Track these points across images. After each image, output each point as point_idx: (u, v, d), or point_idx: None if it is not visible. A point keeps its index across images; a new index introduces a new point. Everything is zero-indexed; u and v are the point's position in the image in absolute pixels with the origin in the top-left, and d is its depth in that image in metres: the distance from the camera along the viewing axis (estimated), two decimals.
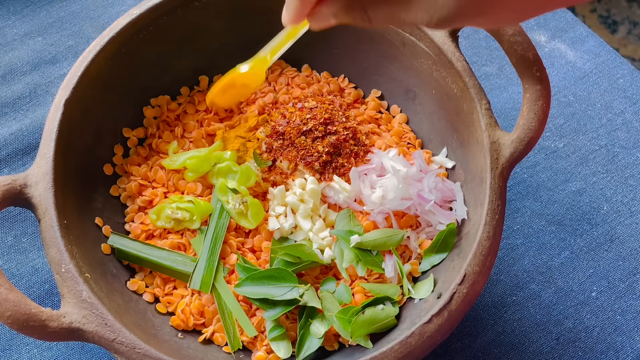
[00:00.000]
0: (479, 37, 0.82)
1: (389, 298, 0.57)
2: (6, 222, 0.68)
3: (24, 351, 0.62)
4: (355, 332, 0.54)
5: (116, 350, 0.49)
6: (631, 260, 0.69)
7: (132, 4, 0.82)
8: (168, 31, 0.64)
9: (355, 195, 0.62)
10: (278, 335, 0.56)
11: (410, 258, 0.61)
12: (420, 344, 0.49)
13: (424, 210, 0.60)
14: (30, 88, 0.76)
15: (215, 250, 0.59)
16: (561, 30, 0.83)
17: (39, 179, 0.53)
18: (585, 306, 0.66)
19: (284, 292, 0.56)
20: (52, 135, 0.55)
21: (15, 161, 0.71)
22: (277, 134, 0.64)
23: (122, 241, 0.60)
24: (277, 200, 0.61)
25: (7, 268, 0.66)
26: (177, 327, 0.58)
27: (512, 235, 0.70)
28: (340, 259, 0.59)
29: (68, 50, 0.79)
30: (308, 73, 0.70)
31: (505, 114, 0.77)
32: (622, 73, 0.80)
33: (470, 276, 0.51)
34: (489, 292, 0.67)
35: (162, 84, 0.67)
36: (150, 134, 0.66)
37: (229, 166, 0.62)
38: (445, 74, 0.60)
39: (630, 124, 0.76)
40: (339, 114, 0.64)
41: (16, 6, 0.82)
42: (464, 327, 0.65)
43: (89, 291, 0.50)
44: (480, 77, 0.79)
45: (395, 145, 0.65)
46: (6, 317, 0.46)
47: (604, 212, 0.71)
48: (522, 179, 0.73)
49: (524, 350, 0.64)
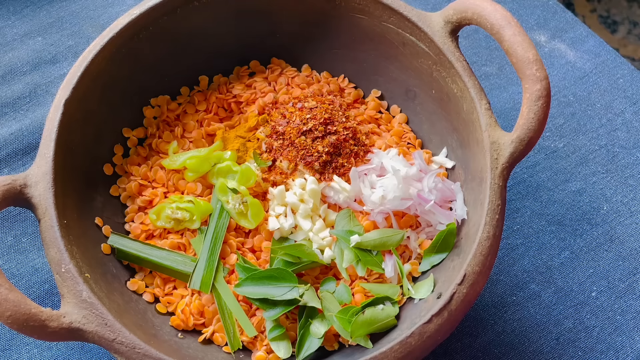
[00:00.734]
0: (479, 37, 0.82)
1: (389, 298, 0.57)
2: (6, 222, 0.68)
3: (24, 351, 0.62)
4: (355, 332, 0.54)
5: (116, 350, 0.49)
6: (631, 260, 0.69)
7: (132, 4, 0.82)
8: (168, 31, 0.64)
9: (355, 195, 0.62)
10: (278, 335, 0.56)
11: (410, 258, 0.61)
12: (420, 344, 0.49)
13: (424, 210, 0.60)
14: (30, 88, 0.76)
15: (215, 250, 0.59)
16: (561, 30, 0.83)
17: (39, 179, 0.53)
18: (585, 306, 0.66)
19: (284, 292, 0.56)
20: (52, 135, 0.55)
21: (15, 161, 0.71)
22: (277, 134, 0.64)
23: (122, 241, 0.60)
24: (277, 200, 0.61)
25: (7, 268, 0.66)
26: (177, 327, 0.58)
27: (512, 235, 0.70)
28: (340, 259, 0.59)
29: (68, 50, 0.79)
30: (308, 73, 0.70)
31: (505, 114, 0.77)
32: (622, 73, 0.80)
33: (470, 276, 0.51)
34: (489, 292, 0.67)
35: (162, 84, 0.67)
36: (150, 134, 0.66)
37: (229, 166, 0.62)
38: (445, 74, 0.60)
39: (630, 124, 0.76)
40: (339, 114, 0.64)
41: (16, 6, 0.82)
42: (464, 327, 0.65)
43: (89, 291, 0.50)
44: (480, 77, 0.79)
45: (395, 145, 0.65)
46: (6, 317, 0.46)
47: (604, 212, 0.71)
48: (522, 179, 0.73)
49: (524, 350, 0.64)
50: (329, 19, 0.66)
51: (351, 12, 0.64)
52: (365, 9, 0.63)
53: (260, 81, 0.69)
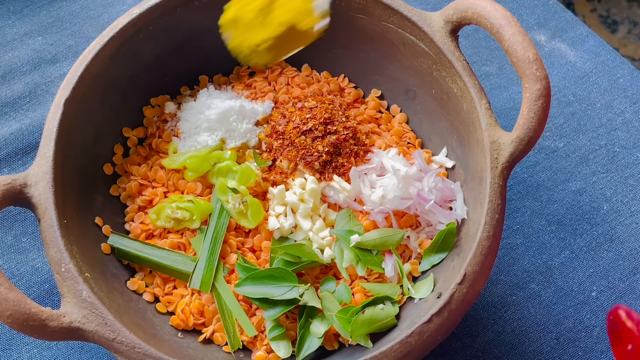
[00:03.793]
0: (479, 36, 0.82)
1: (389, 298, 0.57)
2: (6, 222, 0.68)
3: (24, 351, 0.62)
4: (355, 332, 0.54)
5: (116, 349, 0.49)
6: (631, 260, 0.69)
7: (132, 4, 0.82)
8: (168, 31, 0.64)
9: (355, 195, 0.62)
10: (278, 334, 0.56)
11: (410, 258, 0.61)
12: (420, 344, 0.49)
13: (424, 209, 0.60)
14: (30, 88, 0.76)
15: (215, 250, 0.59)
16: (561, 30, 0.83)
17: (39, 178, 0.53)
18: (585, 306, 0.66)
19: (283, 292, 0.56)
20: (52, 135, 0.55)
21: (15, 161, 0.71)
22: (277, 133, 0.64)
23: (122, 241, 0.60)
24: (277, 200, 0.61)
25: (7, 268, 0.66)
26: (177, 327, 0.58)
27: (512, 235, 0.70)
28: (340, 259, 0.59)
29: (68, 50, 0.79)
30: (308, 73, 0.70)
31: (505, 114, 0.77)
32: (622, 73, 0.80)
33: (470, 276, 0.51)
34: (489, 292, 0.67)
35: (162, 84, 0.67)
36: (150, 133, 0.66)
37: (229, 166, 0.62)
38: (445, 74, 0.60)
39: (630, 124, 0.76)
40: (339, 113, 0.64)
41: (16, 6, 0.82)
42: (464, 327, 0.65)
43: (88, 291, 0.50)
44: (480, 77, 0.79)
45: (395, 144, 0.65)
46: (6, 317, 0.46)
47: (604, 211, 0.71)
48: (522, 179, 0.73)
49: (524, 350, 0.64)
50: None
51: (351, 12, 0.64)
52: (365, 9, 0.63)
53: (260, 81, 0.69)
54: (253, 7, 0.41)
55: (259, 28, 0.41)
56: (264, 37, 0.41)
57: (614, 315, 0.45)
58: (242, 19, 0.41)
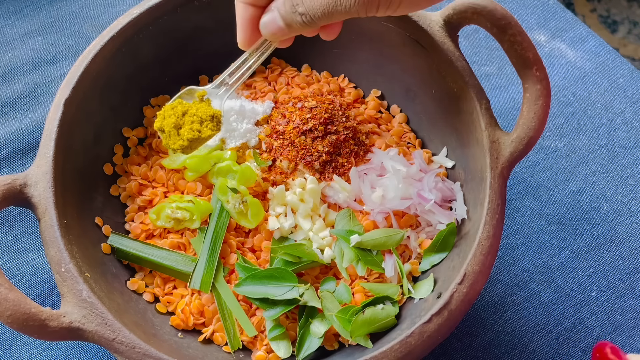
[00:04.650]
0: (479, 36, 0.82)
1: (389, 298, 0.57)
2: (6, 222, 0.68)
3: (24, 351, 0.62)
4: (355, 332, 0.54)
5: (116, 349, 0.49)
6: (631, 260, 0.69)
7: (132, 4, 0.82)
8: (168, 31, 0.64)
9: (355, 195, 0.62)
10: (278, 334, 0.56)
11: (410, 258, 0.61)
12: (420, 344, 0.49)
13: (424, 209, 0.60)
14: (30, 88, 0.76)
15: (215, 250, 0.59)
16: (561, 30, 0.83)
17: (39, 178, 0.53)
18: (585, 306, 0.66)
19: (284, 292, 0.56)
20: (52, 135, 0.55)
21: (15, 161, 0.71)
22: (277, 133, 0.64)
23: (122, 241, 0.60)
24: (277, 200, 0.61)
25: (7, 268, 0.66)
26: (177, 327, 0.58)
27: (512, 235, 0.70)
28: (340, 259, 0.59)
29: (68, 50, 0.79)
30: (308, 73, 0.70)
31: (505, 114, 0.77)
32: (622, 73, 0.80)
33: (470, 276, 0.51)
34: (489, 292, 0.67)
35: (162, 84, 0.67)
36: (150, 133, 0.66)
37: (229, 166, 0.62)
38: (445, 74, 0.60)
39: (630, 124, 0.76)
40: (339, 113, 0.64)
41: (16, 6, 0.82)
42: (464, 327, 0.65)
43: (88, 291, 0.50)
44: (480, 77, 0.79)
45: (395, 145, 0.65)
46: (6, 317, 0.46)
47: (604, 211, 0.71)
48: (522, 179, 0.73)
49: (524, 350, 0.64)
50: None
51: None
52: None
53: (260, 81, 0.69)
54: (169, 122, 0.55)
55: (175, 137, 0.55)
56: (180, 143, 0.55)
57: (599, 352, 0.44)
58: (165, 129, 0.55)
